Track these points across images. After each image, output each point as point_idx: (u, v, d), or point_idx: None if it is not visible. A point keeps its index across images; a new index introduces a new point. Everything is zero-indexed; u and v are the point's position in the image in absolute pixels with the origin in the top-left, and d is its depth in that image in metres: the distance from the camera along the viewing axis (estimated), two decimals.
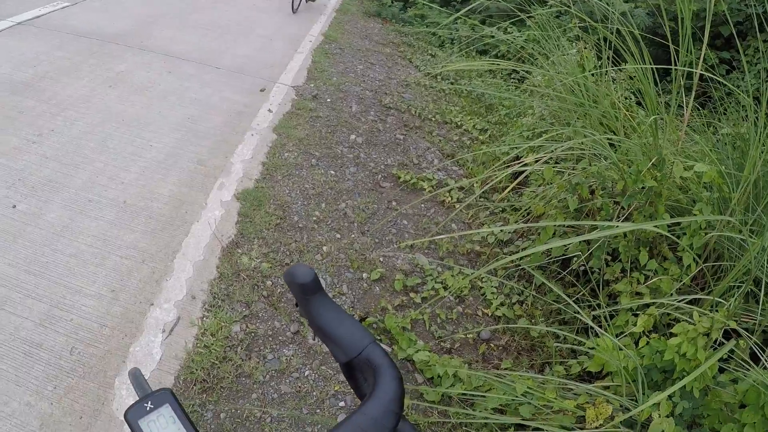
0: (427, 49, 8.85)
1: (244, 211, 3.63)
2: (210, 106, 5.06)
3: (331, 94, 5.91)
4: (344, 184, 4.19)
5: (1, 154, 3.73)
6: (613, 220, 2.94)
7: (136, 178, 3.76)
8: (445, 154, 5.00)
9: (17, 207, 3.28)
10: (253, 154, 4.35)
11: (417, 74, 7.37)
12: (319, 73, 6.50)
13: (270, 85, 5.81)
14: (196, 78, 5.63)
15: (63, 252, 3.01)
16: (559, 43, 4.69)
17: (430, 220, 3.94)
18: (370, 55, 7.91)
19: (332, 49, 7.72)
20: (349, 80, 6.49)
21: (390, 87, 6.56)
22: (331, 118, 5.26)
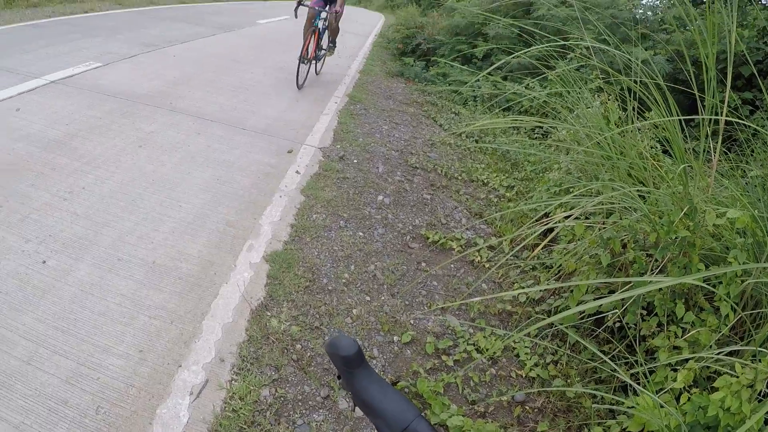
0: (451, 108, 8.96)
1: (273, 273, 3.63)
2: (238, 167, 5.13)
3: (358, 155, 5.98)
4: (373, 246, 4.20)
5: (33, 210, 3.80)
6: (647, 273, 2.91)
7: (165, 238, 3.80)
8: (472, 212, 5.00)
9: (47, 263, 3.32)
10: (282, 216, 4.38)
11: (442, 133, 7.44)
12: (345, 134, 6.60)
13: (297, 147, 5.90)
14: (225, 139, 5.73)
15: (92, 310, 3.02)
16: (582, 96, 4.72)
17: (460, 281, 3.92)
18: (395, 114, 8.03)
19: (357, 110, 7.85)
20: (375, 141, 6.58)
21: (415, 146, 6.62)
22: (358, 179, 5.31)
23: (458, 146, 6.85)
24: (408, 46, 13.42)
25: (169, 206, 4.18)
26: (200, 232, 3.97)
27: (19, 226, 3.62)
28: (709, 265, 2.79)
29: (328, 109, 7.62)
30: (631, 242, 3.10)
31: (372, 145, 6.38)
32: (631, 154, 3.50)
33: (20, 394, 2.42)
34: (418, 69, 11.58)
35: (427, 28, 13.58)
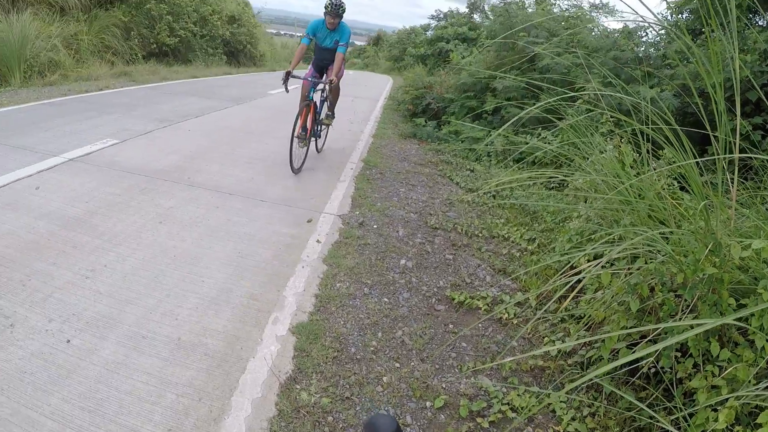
0: (466, 165, 9.04)
1: (300, 345, 3.62)
2: (259, 239, 5.18)
3: (377, 219, 6.03)
4: (399, 311, 4.19)
5: (56, 289, 3.84)
6: (677, 314, 2.88)
7: (190, 314, 3.81)
8: (496, 269, 5.00)
9: (71, 342, 3.33)
10: (306, 287, 4.40)
11: (458, 191, 7.50)
12: (362, 200, 6.67)
13: (316, 216, 5.96)
14: (244, 212, 5.80)
15: (118, 389, 3.01)
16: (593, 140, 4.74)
17: (489, 340, 3.89)
18: (411, 176, 8.11)
19: (373, 175, 7.94)
20: (393, 204, 6.63)
21: (434, 207, 6.67)
22: (379, 245, 5.34)
23: (476, 203, 6.89)
24: (418, 106, 13.62)
25: (192, 282, 4.21)
26: (224, 306, 3.98)
27: (42, 305, 3.66)
28: (739, 299, 2.76)
29: (344, 175, 7.72)
30: (659, 285, 3.08)
31: (390, 209, 6.43)
32: (650, 195, 3.50)
33: None
34: (430, 129, 11.72)
35: (435, 87, 13.80)
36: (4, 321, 3.42)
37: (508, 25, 11.98)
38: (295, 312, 4.02)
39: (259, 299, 4.14)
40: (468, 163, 9.14)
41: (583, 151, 4.78)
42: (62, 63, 14.34)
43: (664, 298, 2.95)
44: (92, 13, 17.67)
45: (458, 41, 30.39)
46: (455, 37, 31.10)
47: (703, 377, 2.60)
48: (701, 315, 2.70)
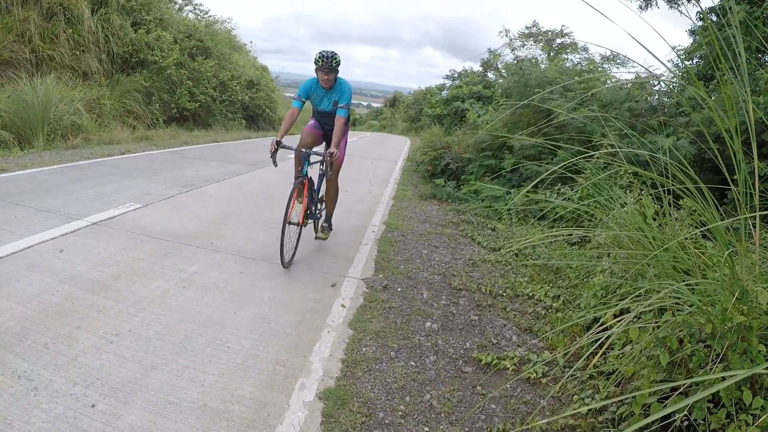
0: (487, 224, 9.09)
1: (327, 411, 3.61)
2: (283, 304, 5.21)
3: (401, 282, 6.06)
4: (426, 374, 4.18)
5: (80, 353, 3.87)
6: (707, 364, 2.86)
7: (216, 380, 3.82)
8: (522, 328, 4.99)
9: (96, 406, 3.33)
10: (332, 352, 4.41)
11: (481, 251, 7.52)
12: (386, 263, 6.71)
13: (340, 280, 6.00)
14: (267, 276, 5.85)
15: None
16: (613, 194, 4.77)
17: (518, 400, 3.87)
18: (433, 237, 8.16)
19: (395, 237, 8.00)
20: (416, 266, 6.67)
21: (457, 268, 6.70)
22: (404, 308, 5.36)
23: (499, 262, 6.91)
24: (437, 167, 13.76)
25: (218, 347, 4.23)
26: (250, 372, 3.99)
27: (66, 368, 3.68)
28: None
29: (366, 238, 7.79)
30: (687, 336, 3.07)
31: (414, 271, 6.47)
32: (673, 246, 3.51)
33: None
34: (449, 189, 11.81)
35: (453, 147, 13.95)
36: (28, 384, 3.44)
37: (523, 83, 12.18)
38: (322, 377, 4.02)
39: (285, 365, 4.15)
40: (489, 222, 9.19)
41: (604, 205, 4.81)
42: (85, 126, 14.78)
43: (693, 350, 2.95)
44: (114, 78, 18.27)
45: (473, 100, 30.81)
46: (470, 96, 31.53)
47: (737, 427, 2.58)
48: (732, 364, 2.69)
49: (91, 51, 17.13)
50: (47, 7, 15.58)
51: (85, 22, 16.54)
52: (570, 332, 4.65)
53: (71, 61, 15.99)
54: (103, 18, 17.73)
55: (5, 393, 3.32)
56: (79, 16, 16.38)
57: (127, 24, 18.99)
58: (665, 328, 3.10)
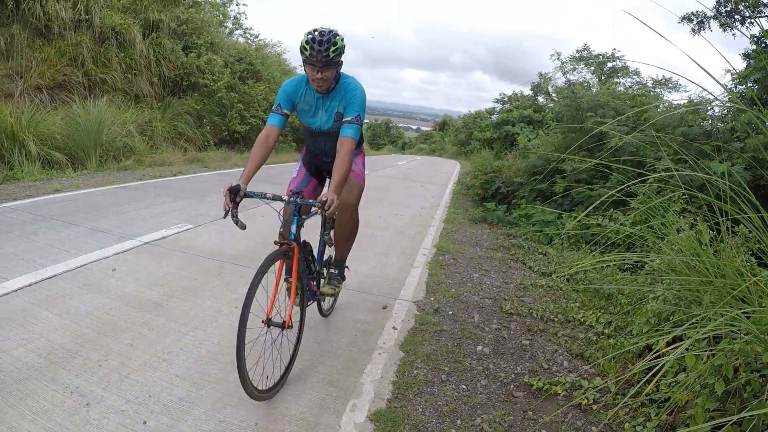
0: (538, 249, 9.03)
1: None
2: (335, 326, 5.26)
3: (452, 306, 6.05)
4: (477, 398, 4.16)
5: (132, 370, 3.94)
6: (763, 394, 2.80)
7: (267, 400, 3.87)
8: (573, 354, 4.94)
9: (148, 423, 3.37)
10: (383, 374, 4.42)
11: (532, 275, 7.48)
12: (437, 286, 6.71)
13: (391, 302, 6.02)
14: None
15: None
16: (667, 219, 4.70)
17: (569, 426, 3.82)
18: (483, 261, 8.14)
19: (446, 260, 8.00)
20: (467, 290, 6.66)
21: (508, 292, 6.67)
22: (455, 331, 5.36)
23: (550, 287, 6.86)
24: (488, 191, 13.71)
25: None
26: (302, 392, 4.03)
27: (118, 385, 3.74)
28: None
29: (417, 261, 7.81)
30: (743, 365, 3.01)
31: (465, 295, 6.46)
32: (729, 273, 3.45)
33: None
34: (500, 213, 11.76)
35: (504, 171, 13.88)
36: (81, 400, 3.51)
37: (574, 106, 12.09)
38: (373, 399, 4.03)
39: (336, 386, 4.18)
40: (540, 247, 9.14)
41: (658, 230, 4.75)
42: (137, 148, 15.25)
43: (748, 378, 2.89)
44: (165, 101, 18.76)
45: (524, 124, 30.70)
46: (521, 120, 31.43)
47: None
48: None
49: (143, 74, 17.71)
50: (99, 32, 16.25)
51: (137, 46, 17.15)
52: (622, 359, 4.58)
53: (123, 84, 16.57)
54: (154, 42, 18.35)
55: (58, 408, 3.40)
56: (131, 40, 16.99)
57: (178, 48, 19.54)
58: (721, 357, 3.05)
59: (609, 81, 23.35)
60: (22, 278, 5.43)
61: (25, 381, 3.73)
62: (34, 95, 13.85)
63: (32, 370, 3.88)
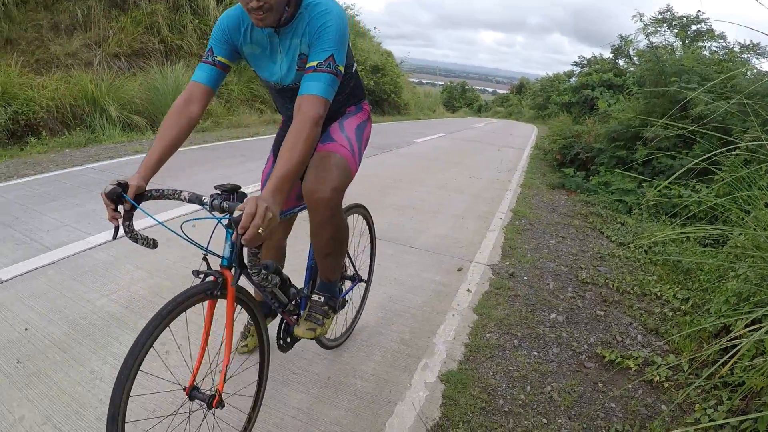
0: (616, 218, 8.75)
1: (448, 393, 3.60)
2: (409, 285, 5.24)
3: (527, 271, 5.94)
4: (548, 366, 4.09)
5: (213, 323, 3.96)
6: None
7: (340, 354, 3.90)
8: (648, 328, 4.77)
9: None
10: (455, 335, 4.39)
11: (609, 245, 7.26)
12: (512, 251, 6.60)
13: (466, 264, 5.96)
14: (394, 258, 5.90)
15: (265, 421, 3.08)
16: (753, 193, 4.45)
17: (639, 402, 3.71)
18: (560, 228, 7.96)
19: (523, 225, 7.86)
20: (543, 256, 6.53)
21: (584, 260, 6.50)
22: (529, 297, 5.26)
23: (627, 258, 6.64)
24: (566, 156, 13.34)
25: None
26: (375, 349, 4.05)
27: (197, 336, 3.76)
28: None
29: (493, 225, 7.70)
30: None
31: (541, 261, 6.33)
32: None
33: None
34: (578, 179, 11.44)
35: (583, 136, 13.48)
36: (160, 348, 3.37)
37: (657, 71, 11.54)
38: (445, 359, 4.01)
39: (409, 344, 4.17)
40: (618, 216, 8.85)
41: (743, 204, 4.51)
42: (213, 111, 15.51)
43: None
44: (241, 64, 18.86)
45: (604, 88, 29.70)
46: (600, 84, 30.42)
47: None
48: None
49: None
50: (174, 0, 16.48)
51: (211, 12, 17.26)
52: (697, 337, 4.40)
53: (198, 50, 16.77)
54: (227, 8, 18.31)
55: None
56: (205, 7, 17.13)
57: None
58: None
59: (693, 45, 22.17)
60: (105, 234, 5.64)
61: (107, 329, 3.87)
62: (113, 63, 14.23)
63: (114, 318, 4.02)
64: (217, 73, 2.62)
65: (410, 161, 12.97)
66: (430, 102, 45.73)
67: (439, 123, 29.87)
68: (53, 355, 3.53)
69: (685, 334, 4.46)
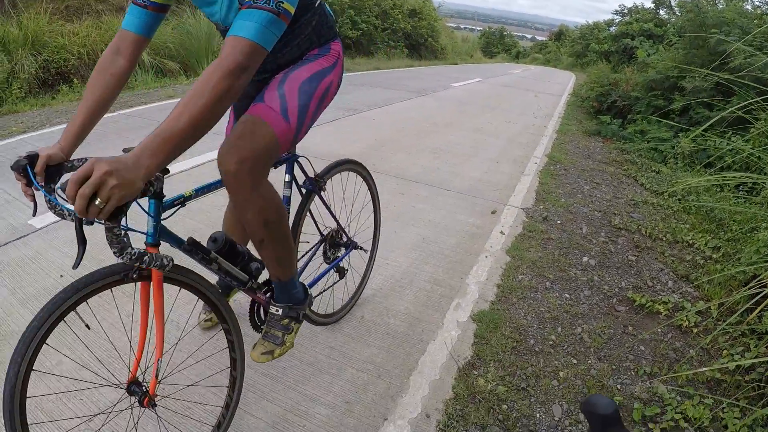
0: (651, 166, 8.55)
1: (480, 332, 3.60)
2: (443, 227, 5.22)
3: (561, 215, 5.87)
4: (579, 308, 4.06)
5: None
6: None
7: (373, 294, 3.92)
8: (679, 275, 4.70)
9: None
10: (488, 276, 4.37)
11: (643, 192, 7.12)
12: (546, 195, 6.52)
13: (500, 207, 5.91)
14: (428, 199, 5.88)
15: (300, 359, 3.13)
16: None
17: (667, 346, 3.67)
18: (595, 174, 7.81)
19: (557, 170, 7.74)
20: (577, 201, 6.43)
21: (618, 207, 6.39)
22: (562, 240, 5.20)
23: (661, 206, 6.51)
24: (603, 103, 13.05)
25: (377, 264, 4.22)
26: (407, 289, 4.05)
27: None
28: None
29: (528, 169, 7.59)
30: None
31: (574, 206, 6.24)
32: None
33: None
34: (615, 127, 11.20)
35: (621, 84, 13.14)
36: None
37: (698, 22, 11.14)
38: (477, 300, 4.00)
39: (441, 285, 4.17)
40: (654, 164, 8.64)
41: None
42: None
43: None
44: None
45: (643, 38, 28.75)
46: (640, 34, 29.45)
47: None
48: None
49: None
50: None
51: None
52: (727, 286, 4.33)
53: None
54: None
55: None
56: None
57: None
58: None
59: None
60: None
61: None
62: None
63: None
64: (149, 16, 2.06)
65: (447, 105, 12.81)
66: (468, 47, 44.98)
67: (477, 68, 29.35)
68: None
69: (715, 281, 4.39)
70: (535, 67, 38.97)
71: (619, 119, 11.87)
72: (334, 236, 3.34)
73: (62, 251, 4.17)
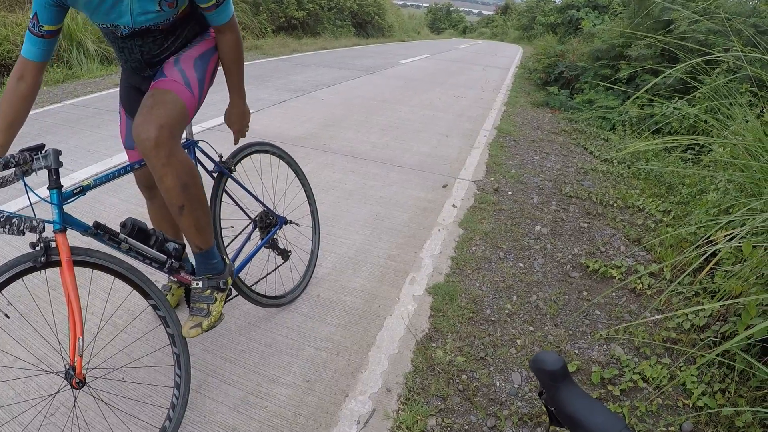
0: (600, 134, 8.67)
1: (436, 305, 3.61)
2: (395, 203, 5.22)
3: (512, 186, 5.91)
4: (534, 276, 4.10)
5: None
6: None
7: (329, 272, 3.91)
8: (630, 239, 4.78)
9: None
10: (442, 249, 4.39)
11: (593, 160, 7.21)
12: (497, 167, 6.55)
13: (451, 181, 5.92)
14: (380, 176, 5.86)
15: (259, 341, 3.11)
16: (732, 112, 4.43)
17: (622, 309, 3.75)
18: (544, 144, 7.89)
19: (507, 142, 7.79)
20: (528, 171, 6.48)
21: (568, 175, 6.47)
22: (514, 211, 5.24)
23: (610, 173, 6.61)
24: (550, 75, 13.20)
25: (331, 242, 4.29)
26: (362, 266, 4.05)
27: None
28: None
29: (478, 142, 7.62)
30: None
31: (525, 176, 6.29)
32: None
33: (189, 420, 2.50)
34: (562, 98, 11.33)
35: (567, 55, 13.31)
36: None
37: None
38: (432, 273, 4.02)
39: (396, 260, 4.17)
40: (602, 133, 8.76)
41: (722, 121, 4.49)
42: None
43: None
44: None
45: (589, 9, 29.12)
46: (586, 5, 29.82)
47: None
48: None
49: None
50: None
51: None
52: (679, 247, 4.43)
53: None
54: None
55: None
56: None
57: None
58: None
59: None
60: (87, 169, 5.50)
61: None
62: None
63: None
64: (47, 42, 2.16)
65: (395, 82, 12.77)
66: (415, 24, 44.92)
67: (424, 44, 29.36)
68: None
69: (666, 243, 4.48)
70: (482, 42, 39.16)
71: (566, 90, 12.02)
72: (264, 218, 3.43)
73: None
